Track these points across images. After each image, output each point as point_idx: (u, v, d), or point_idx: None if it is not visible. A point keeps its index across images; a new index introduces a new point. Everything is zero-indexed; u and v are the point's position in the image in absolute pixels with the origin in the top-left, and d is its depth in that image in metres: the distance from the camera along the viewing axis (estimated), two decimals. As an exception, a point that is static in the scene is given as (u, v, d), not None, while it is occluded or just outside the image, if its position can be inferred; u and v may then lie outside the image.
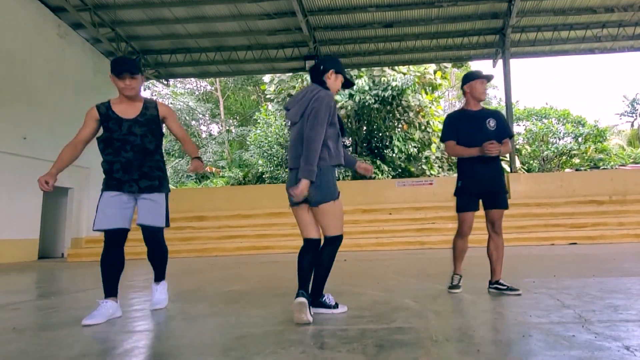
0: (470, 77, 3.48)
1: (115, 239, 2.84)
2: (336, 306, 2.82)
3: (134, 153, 2.89)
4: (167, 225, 3.01)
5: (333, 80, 2.85)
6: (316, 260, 2.71)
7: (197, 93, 29.12)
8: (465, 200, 3.41)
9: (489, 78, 3.46)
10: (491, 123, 3.40)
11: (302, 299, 2.50)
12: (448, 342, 2.09)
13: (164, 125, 3.13)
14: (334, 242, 2.73)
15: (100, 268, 2.85)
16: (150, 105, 3.02)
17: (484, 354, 1.86)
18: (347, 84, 2.98)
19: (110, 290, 2.84)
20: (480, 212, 3.46)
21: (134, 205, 2.94)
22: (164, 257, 3.07)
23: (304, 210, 2.74)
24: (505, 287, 3.29)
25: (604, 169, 21.66)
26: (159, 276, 3.14)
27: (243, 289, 4.18)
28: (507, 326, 2.40)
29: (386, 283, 4.21)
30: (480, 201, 3.44)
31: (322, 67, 2.84)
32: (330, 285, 3.08)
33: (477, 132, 3.35)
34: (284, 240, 11.81)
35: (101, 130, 2.98)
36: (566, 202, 12.70)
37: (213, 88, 28.37)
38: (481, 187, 3.38)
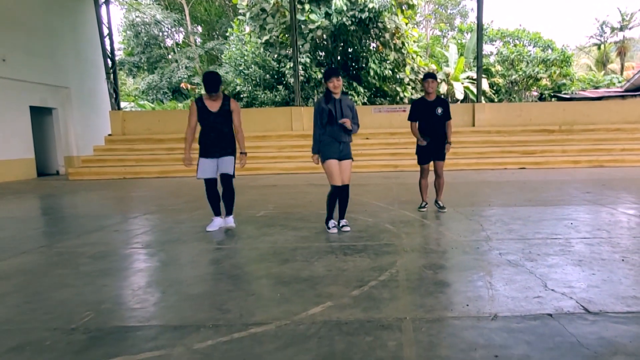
0: (424, 77, 5.30)
1: (211, 183, 4.60)
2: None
3: (215, 134, 4.43)
4: (234, 175, 4.61)
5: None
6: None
7: (159, -1, 27.84)
8: (423, 157, 5.50)
9: (433, 77, 5.23)
10: (439, 110, 5.28)
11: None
12: (413, 252, 3.75)
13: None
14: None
15: (207, 199, 4.64)
16: (226, 102, 4.47)
17: (430, 258, 3.51)
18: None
19: (217, 211, 4.66)
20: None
21: (217, 164, 4.55)
22: (233, 196, 4.67)
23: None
24: (440, 206, 5.56)
25: (565, 94, 23.46)
26: (230, 211, 4.71)
27: (269, 214, 5.75)
28: (445, 242, 4.08)
29: (371, 210, 5.85)
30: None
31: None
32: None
33: (429, 116, 5.31)
34: (272, 162, 13.24)
35: None
36: (522, 130, 14.30)
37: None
38: (430, 148, 5.41)
